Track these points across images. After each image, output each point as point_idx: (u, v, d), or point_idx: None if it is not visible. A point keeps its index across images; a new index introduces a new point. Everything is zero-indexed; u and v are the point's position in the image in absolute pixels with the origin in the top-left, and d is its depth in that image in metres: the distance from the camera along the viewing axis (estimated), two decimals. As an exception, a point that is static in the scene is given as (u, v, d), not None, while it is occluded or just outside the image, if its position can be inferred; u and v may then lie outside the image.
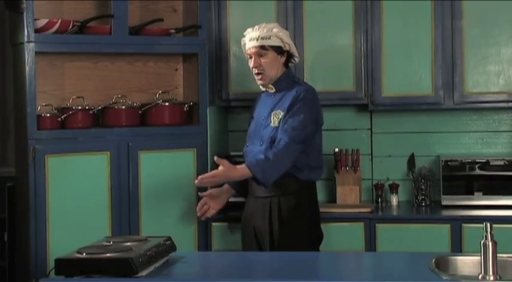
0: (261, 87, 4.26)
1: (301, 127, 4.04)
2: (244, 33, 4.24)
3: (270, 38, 4.13)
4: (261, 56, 4.14)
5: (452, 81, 4.68)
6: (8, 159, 5.04)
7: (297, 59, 4.27)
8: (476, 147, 4.98)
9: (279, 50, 4.15)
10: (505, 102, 4.71)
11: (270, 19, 4.57)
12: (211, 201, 4.34)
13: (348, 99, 4.82)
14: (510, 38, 4.66)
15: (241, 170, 3.96)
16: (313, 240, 4.14)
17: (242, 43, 4.27)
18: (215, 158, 3.99)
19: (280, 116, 4.12)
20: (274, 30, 4.15)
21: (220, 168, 3.94)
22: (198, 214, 4.36)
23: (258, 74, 4.17)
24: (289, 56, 4.22)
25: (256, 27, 4.19)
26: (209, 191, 4.35)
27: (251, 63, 4.18)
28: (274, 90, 4.20)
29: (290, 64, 4.27)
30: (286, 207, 4.07)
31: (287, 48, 4.17)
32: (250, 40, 4.17)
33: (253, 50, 4.16)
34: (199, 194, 4.36)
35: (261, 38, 4.13)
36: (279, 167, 3.98)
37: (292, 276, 3.05)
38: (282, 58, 4.18)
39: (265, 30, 4.15)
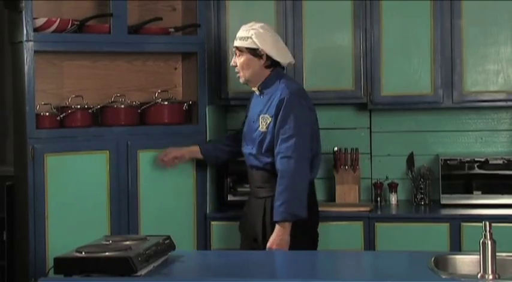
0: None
1: (298, 146, 3.94)
2: None
3: (247, 39, 4.10)
4: (238, 55, 4.14)
5: (452, 80, 4.68)
6: (7, 158, 5.04)
7: (283, 64, 4.15)
8: (475, 146, 4.98)
9: (254, 52, 4.10)
10: (504, 101, 4.71)
11: (269, 18, 4.57)
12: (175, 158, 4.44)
13: (347, 98, 4.81)
14: (509, 37, 4.66)
15: (282, 230, 3.91)
16: (307, 243, 4.05)
17: None
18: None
19: (268, 121, 4.06)
20: (252, 32, 4.09)
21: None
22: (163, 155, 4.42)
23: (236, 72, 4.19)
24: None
25: (244, 26, 4.17)
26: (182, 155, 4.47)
27: None
28: (258, 92, 4.19)
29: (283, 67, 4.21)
30: None
31: (261, 53, 4.09)
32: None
33: (233, 49, 4.19)
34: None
35: (240, 38, 4.13)
36: (301, 196, 3.93)
37: (291, 276, 3.05)
38: (260, 60, 4.10)
39: (247, 31, 4.11)
